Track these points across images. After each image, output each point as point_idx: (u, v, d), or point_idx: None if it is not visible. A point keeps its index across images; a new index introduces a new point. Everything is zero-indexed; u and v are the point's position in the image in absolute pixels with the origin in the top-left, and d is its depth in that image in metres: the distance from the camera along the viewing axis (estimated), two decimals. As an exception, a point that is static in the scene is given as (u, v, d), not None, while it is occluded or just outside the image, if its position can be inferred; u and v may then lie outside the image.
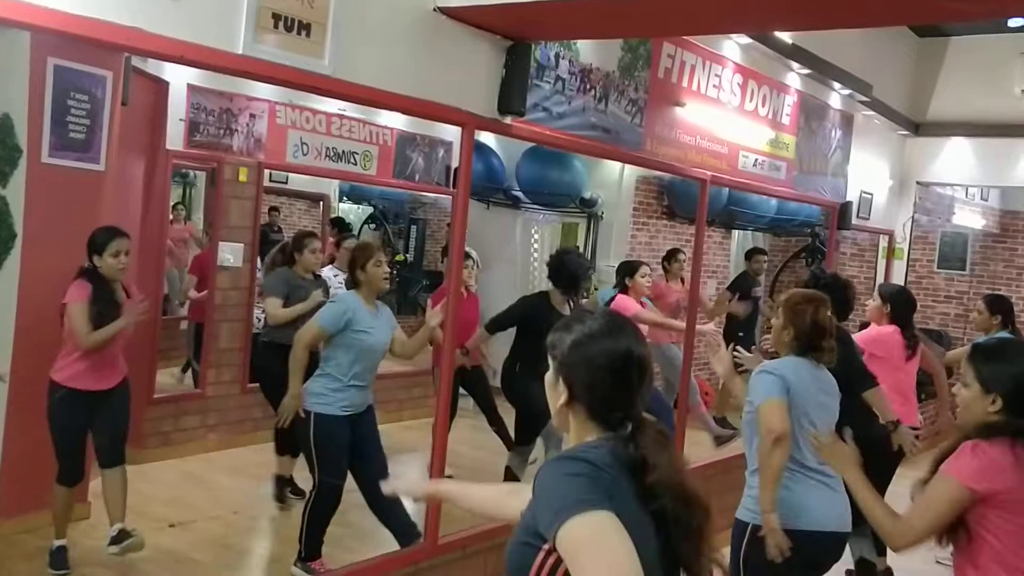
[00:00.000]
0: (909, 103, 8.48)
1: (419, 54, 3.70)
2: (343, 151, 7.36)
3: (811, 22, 4.50)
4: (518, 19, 3.78)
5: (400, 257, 11.32)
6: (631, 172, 8.56)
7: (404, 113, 5.19)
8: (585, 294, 6.38)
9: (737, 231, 10.67)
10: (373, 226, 11.43)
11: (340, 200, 10.48)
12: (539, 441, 5.65)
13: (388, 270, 4.66)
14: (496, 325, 5.57)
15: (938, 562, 4.71)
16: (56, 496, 4.32)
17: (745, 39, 5.82)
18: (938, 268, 11.27)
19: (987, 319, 5.78)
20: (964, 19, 5.95)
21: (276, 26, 3.17)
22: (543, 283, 9.40)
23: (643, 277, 6.35)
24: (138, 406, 5.09)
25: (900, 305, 5.41)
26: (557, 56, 4.49)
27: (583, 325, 1.78)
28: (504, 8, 3.58)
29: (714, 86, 5.76)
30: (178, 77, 5.96)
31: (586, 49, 4.66)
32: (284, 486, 5.58)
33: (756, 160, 6.32)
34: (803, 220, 9.74)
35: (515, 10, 3.58)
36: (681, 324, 6.24)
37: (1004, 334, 5.64)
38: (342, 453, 4.44)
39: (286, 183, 8.80)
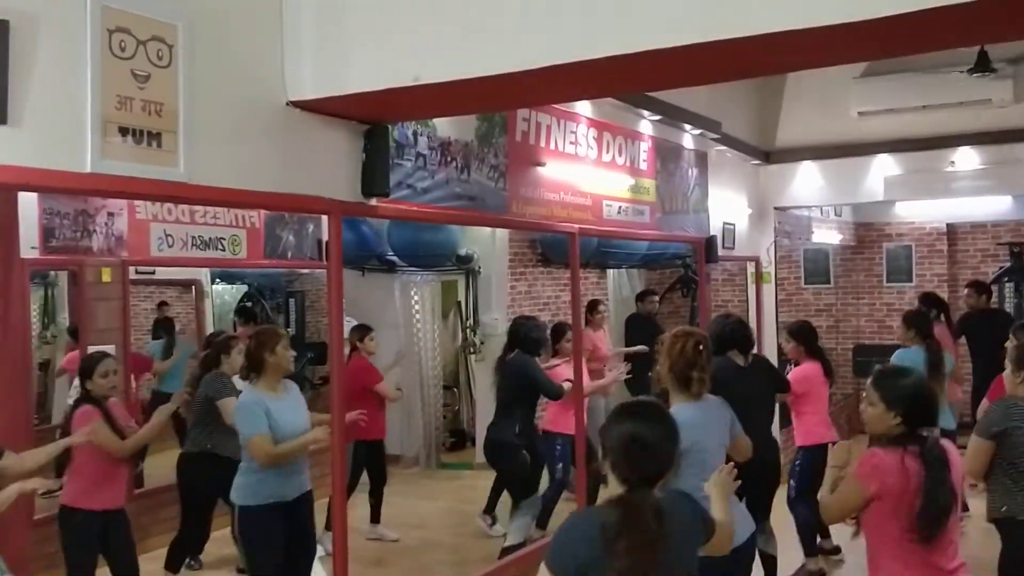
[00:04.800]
0: (757, 134, 8.88)
1: (277, 149, 3.68)
2: (210, 238, 7.21)
3: (660, 84, 4.69)
4: (371, 106, 3.81)
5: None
6: (502, 225, 8.68)
7: (269, 209, 5.16)
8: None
9: (612, 270, 10.92)
10: (250, 304, 11.20)
11: (213, 283, 10.23)
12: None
13: (294, 352, 4.69)
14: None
15: None
16: None
17: (596, 94, 6.00)
18: (805, 284, 11.78)
19: (903, 332, 6.49)
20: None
21: (124, 139, 3.11)
22: (428, 344, 9.46)
23: (568, 342, 6.46)
24: (19, 529, 4.82)
25: (809, 338, 6.10)
26: (415, 134, 4.54)
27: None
28: (356, 98, 3.61)
29: (571, 142, 5.91)
30: (27, 184, 5.74)
31: (443, 124, 4.73)
32: None
33: (620, 207, 6.50)
34: (674, 253, 10.03)
35: (367, 99, 3.60)
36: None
37: (918, 347, 6.28)
38: (273, 546, 4.34)
39: (153, 273, 8.56)
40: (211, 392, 5.50)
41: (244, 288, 11.12)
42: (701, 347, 3.73)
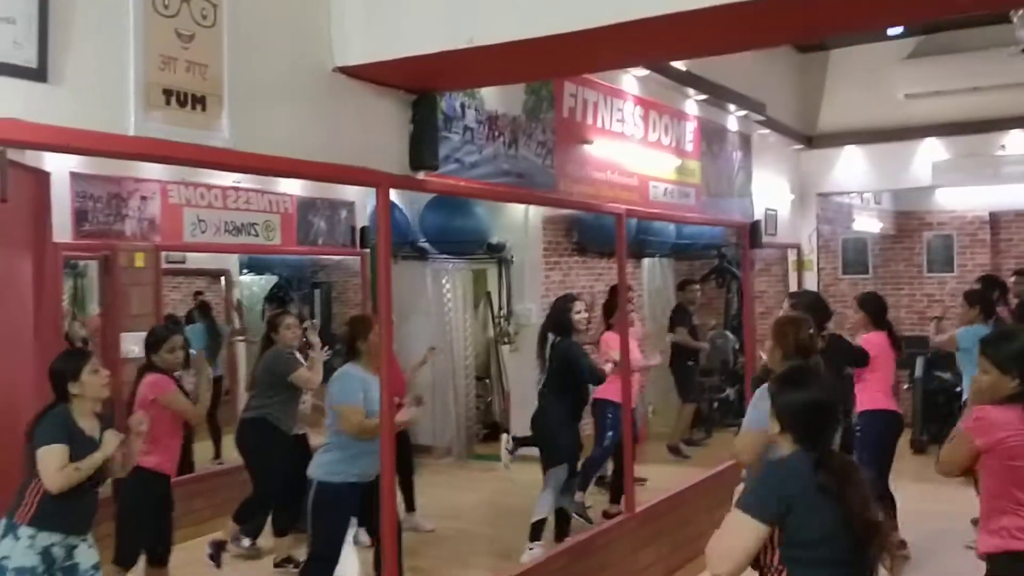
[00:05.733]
0: (800, 117, 8.67)
1: (324, 117, 3.52)
2: (243, 223, 7.09)
3: (708, 49, 4.52)
4: (419, 71, 3.64)
5: (307, 323, 10.98)
6: (536, 212, 8.49)
7: (314, 179, 5.03)
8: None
9: (646, 259, 10.70)
10: (280, 295, 11.08)
11: (241, 272, 10.12)
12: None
13: None
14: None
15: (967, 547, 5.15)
16: None
17: (642, 71, 5.84)
18: (843, 274, 11.50)
19: (964, 311, 6.44)
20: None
21: (168, 102, 2.95)
22: (459, 332, 9.29)
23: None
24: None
25: (876, 309, 6.02)
26: (463, 106, 4.37)
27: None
28: (405, 62, 3.44)
29: (618, 120, 5.73)
30: (59, 166, 5.61)
31: (490, 97, 4.56)
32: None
33: (666, 189, 6.31)
34: (707, 242, 9.80)
35: (417, 63, 3.44)
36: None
37: (981, 326, 6.19)
38: (342, 524, 4.38)
39: (184, 262, 8.45)
40: (280, 369, 5.59)
41: (274, 279, 11.02)
42: (812, 331, 3.90)
